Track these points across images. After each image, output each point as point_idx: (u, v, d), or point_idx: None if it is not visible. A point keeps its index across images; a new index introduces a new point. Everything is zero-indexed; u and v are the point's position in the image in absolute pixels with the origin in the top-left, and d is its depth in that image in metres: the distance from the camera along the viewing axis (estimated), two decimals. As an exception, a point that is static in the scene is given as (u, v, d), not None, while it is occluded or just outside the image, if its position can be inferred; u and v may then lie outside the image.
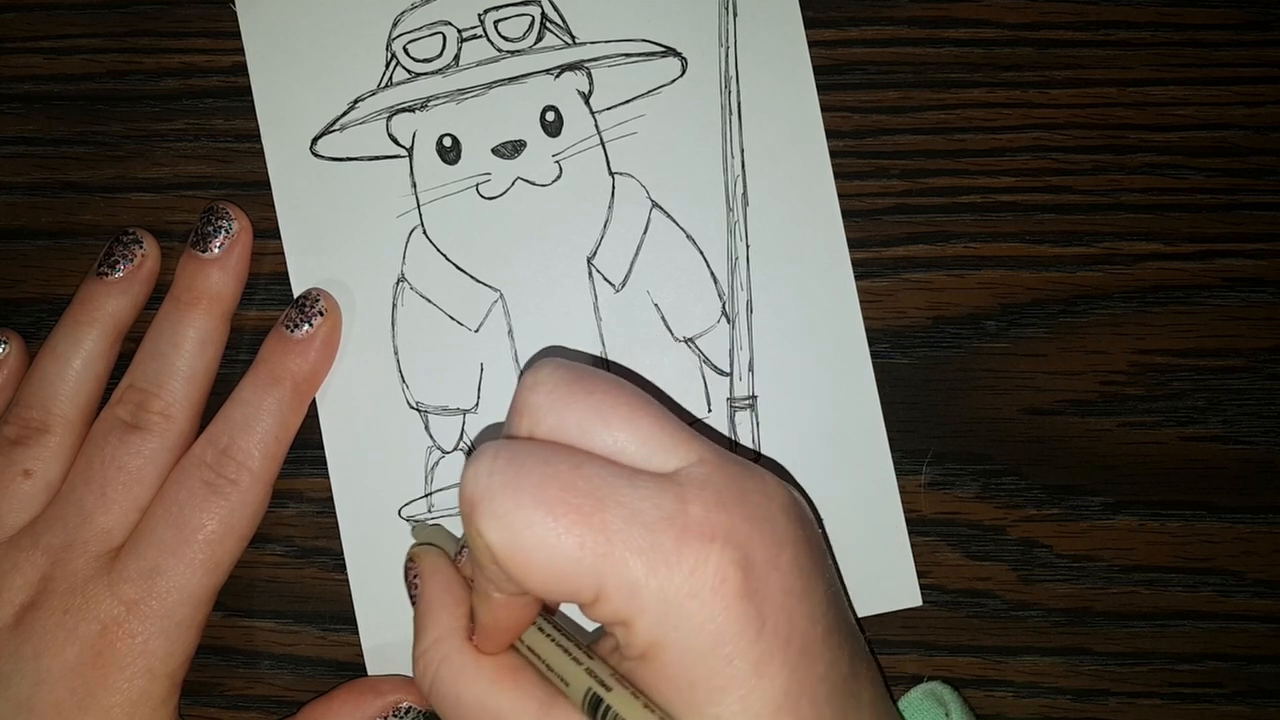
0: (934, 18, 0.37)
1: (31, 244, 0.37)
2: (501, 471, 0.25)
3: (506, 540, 0.24)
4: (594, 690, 0.26)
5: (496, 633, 0.28)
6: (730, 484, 0.26)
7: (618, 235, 0.36)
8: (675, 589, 0.24)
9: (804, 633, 0.26)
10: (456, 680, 0.29)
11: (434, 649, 0.30)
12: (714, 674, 0.25)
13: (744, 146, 0.36)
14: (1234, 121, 0.36)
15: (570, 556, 0.24)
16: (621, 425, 0.27)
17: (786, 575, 0.26)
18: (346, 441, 0.36)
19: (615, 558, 0.24)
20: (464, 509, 0.25)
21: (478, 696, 0.28)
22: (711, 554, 0.25)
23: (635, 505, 0.25)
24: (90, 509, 0.33)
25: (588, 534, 0.24)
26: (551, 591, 0.25)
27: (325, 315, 0.35)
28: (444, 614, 0.30)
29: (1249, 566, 0.35)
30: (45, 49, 0.38)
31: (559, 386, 0.27)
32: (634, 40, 0.36)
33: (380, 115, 0.36)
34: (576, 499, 0.25)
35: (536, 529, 0.24)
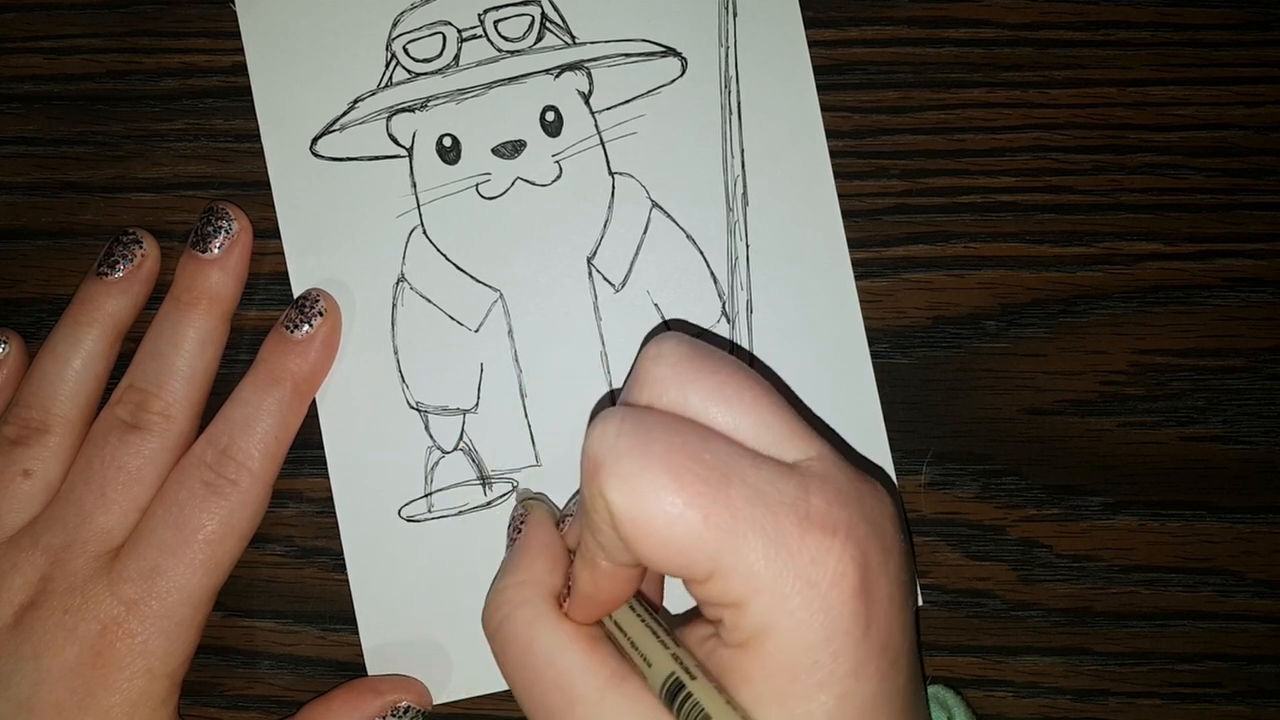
0: (934, 18, 0.37)
1: (31, 244, 0.37)
2: (629, 435, 0.25)
3: (629, 504, 0.24)
4: (677, 675, 0.26)
5: (591, 603, 0.28)
6: (849, 484, 0.26)
7: (617, 235, 0.36)
8: (795, 575, 0.24)
9: (898, 643, 0.26)
10: (532, 625, 0.28)
11: (518, 590, 0.29)
12: (817, 668, 0.24)
13: (744, 146, 0.36)
14: (1234, 121, 0.36)
15: (692, 528, 0.24)
16: (744, 409, 0.26)
17: (893, 583, 0.26)
18: (346, 441, 0.36)
19: (738, 535, 0.24)
20: (587, 469, 0.25)
21: (549, 649, 0.28)
22: (834, 547, 0.25)
23: (761, 486, 0.25)
24: (90, 509, 0.33)
25: (713, 507, 0.24)
26: (666, 562, 0.25)
27: (325, 315, 0.35)
28: (540, 562, 0.30)
29: (1249, 566, 0.35)
30: (45, 49, 0.38)
31: (683, 361, 0.27)
32: (634, 40, 0.36)
33: (380, 115, 0.36)
34: (703, 471, 0.24)
35: (662, 495, 0.24)
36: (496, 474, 0.35)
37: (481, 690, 0.35)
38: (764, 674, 0.25)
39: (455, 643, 0.35)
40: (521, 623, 0.28)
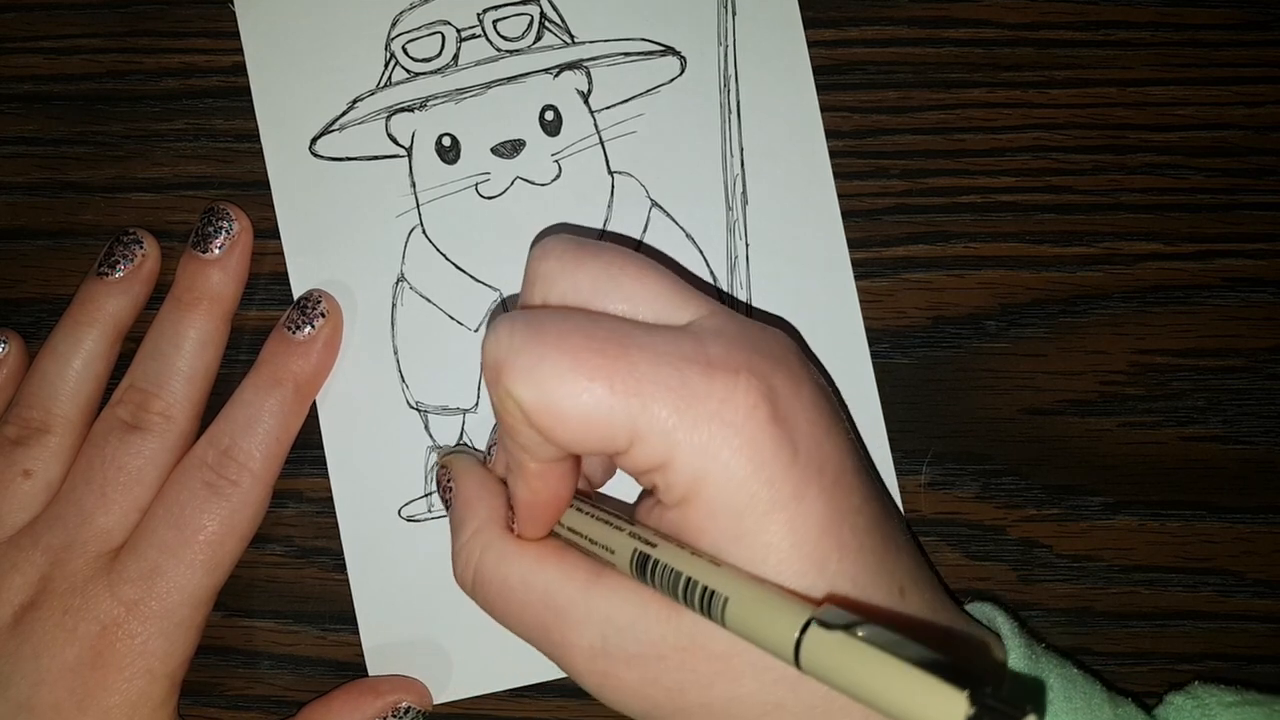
0: (934, 18, 0.37)
1: (31, 244, 0.37)
2: (522, 332, 0.25)
3: (536, 395, 0.25)
4: (639, 550, 0.26)
5: (536, 510, 0.28)
6: (742, 330, 0.27)
7: (617, 234, 0.36)
8: (709, 419, 0.25)
9: (835, 464, 0.26)
10: (500, 563, 0.29)
11: (474, 539, 0.29)
12: (757, 499, 0.25)
13: (743, 145, 0.36)
14: (1234, 121, 0.36)
15: (602, 401, 0.24)
16: (632, 284, 0.27)
17: (809, 409, 0.26)
18: (346, 441, 0.36)
19: (646, 396, 0.25)
20: (489, 376, 0.25)
21: (524, 576, 0.28)
22: (739, 384, 0.25)
23: (658, 348, 0.25)
24: (90, 509, 0.33)
25: (616, 377, 0.25)
26: (585, 441, 0.25)
27: (327, 317, 0.35)
28: (481, 505, 0.30)
29: (1249, 566, 0.35)
30: (45, 49, 0.38)
31: (568, 252, 0.28)
32: (633, 39, 0.36)
33: (379, 115, 0.36)
34: (599, 345, 0.25)
35: (566, 378, 0.24)
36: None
37: (482, 690, 0.35)
38: (712, 521, 0.25)
39: (455, 642, 0.35)
40: (489, 567, 0.29)
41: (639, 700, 0.27)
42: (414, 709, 0.34)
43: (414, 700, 0.34)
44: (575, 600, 0.27)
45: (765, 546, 0.25)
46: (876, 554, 0.27)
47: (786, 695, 0.26)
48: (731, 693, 0.26)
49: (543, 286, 0.28)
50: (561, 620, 0.27)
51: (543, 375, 0.25)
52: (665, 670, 0.26)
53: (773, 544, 0.25)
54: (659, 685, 0.26)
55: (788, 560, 0.25)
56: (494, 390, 0.25)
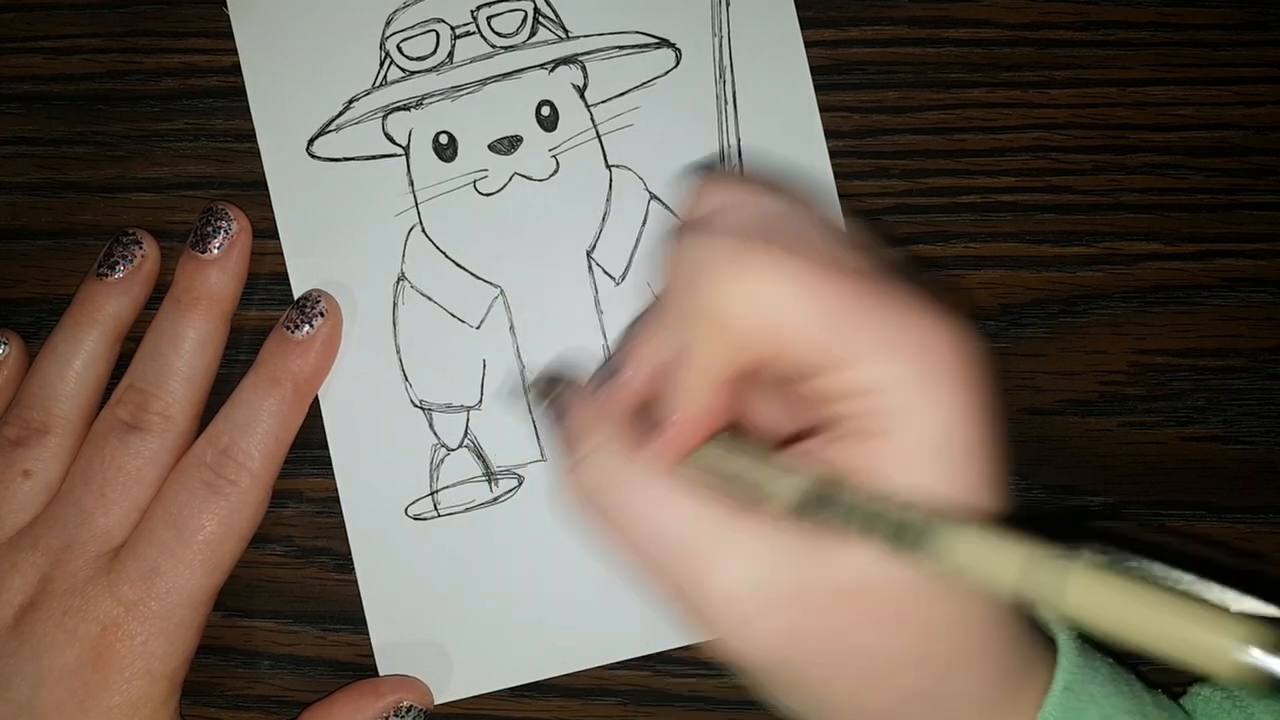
0: (934, 18, 0.37)
1: (31, 244, 0.37)
2: (736, 230, 0.23)
3: (753, 293, 0.23)
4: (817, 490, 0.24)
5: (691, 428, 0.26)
6: None
7: (617, 228, 0.36)
8: (936, 357, 0.23)
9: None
10: (632, 482, 0.26)
11: (603, 450, 0.26)
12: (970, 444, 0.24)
13: (740, 136, 0.36)
14: (1234, 121, 0.36)
15: (828, 311, 0.23)
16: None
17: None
18: (351, 441, 0.36)
19: (877, 319, 0.23)
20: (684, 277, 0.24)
21: (663, 501, 0.25)
22: (958, 335, 0.24)
23: (887, 279, 0.24)
24: (90, 509, 0.33)
25: (848, 291, 0.23)
26: (792, 354, 0.24)
27: (326, 316, 0.35)
28: (608, 420, 0.27)
29: (1249, 566, 0.35)
30: (45, 49, 0.38)
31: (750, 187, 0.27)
32: (627, 33, 0.36)
33: (375, 115, 0.36)
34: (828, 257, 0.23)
35: (790, 281, 0.23)
36: (502, 470, 0.36)
37: (487, 688, 0.35)
38: (914, 456, 0.24)
39: (464, 640, 0.35)
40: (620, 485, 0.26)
41: (780, 648, 0.24)
42: (415, 708, 0.34)
43: (415, 699, 0.34)
44: (723, 533, 0.24)
45: (968, 488, 0.24)
46: None
47: (939, 648, 0.24)
48: (885, 642, 0.24)
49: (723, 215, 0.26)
50: (704, 554, 0.24)
51: (764, 273, 0.23)
52: (822, 615, 0.24)
53: (975, 486, 0.24)
54: (810, 631, 0.24)
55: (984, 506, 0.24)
56: (691, 294, 0.24)
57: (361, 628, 0.35)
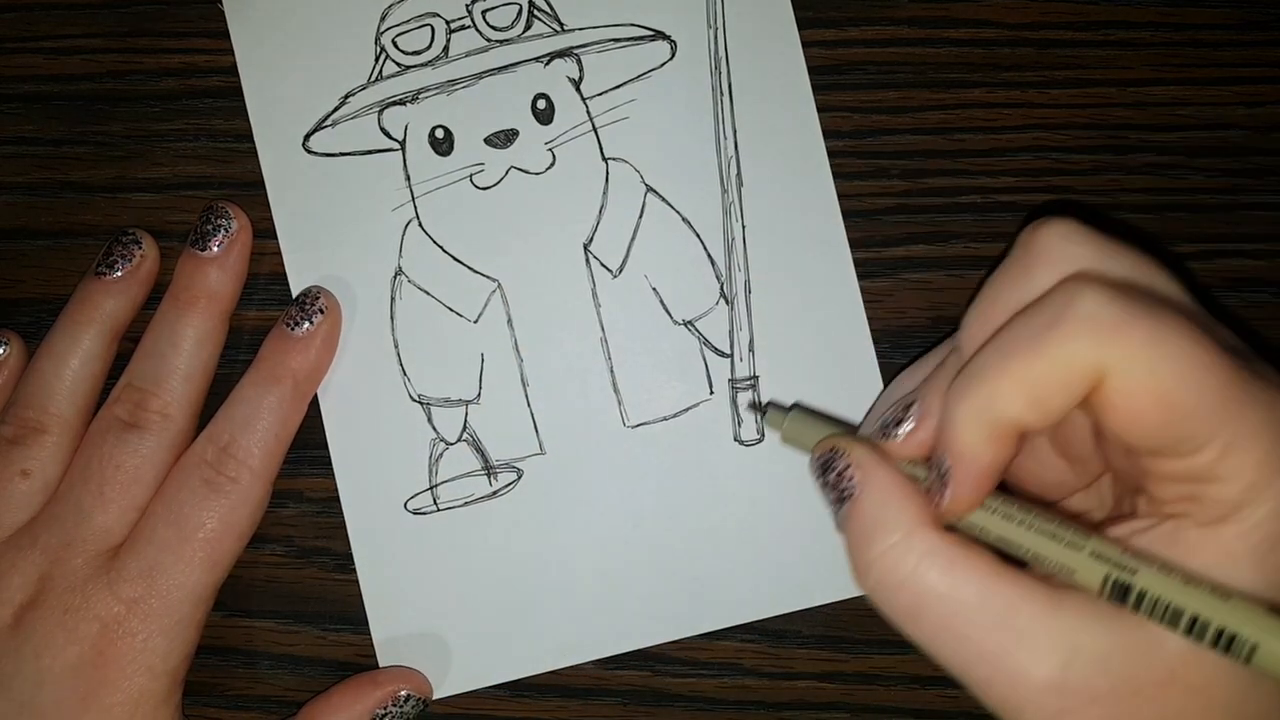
0: (934, 18, 0.37)
1: (31, 244, 0.37)
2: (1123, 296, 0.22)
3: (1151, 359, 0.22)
4: (1115, 576, 0.23)
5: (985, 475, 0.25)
6: None
7: (613, 220, 0.36)
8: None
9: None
10: (947, 573, 0.24)
11: (907, 543, 0.25)
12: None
13: (736, 127, 0.36)
14: (1234, 121, 0.36)
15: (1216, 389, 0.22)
16: None
17: None
18: (350, 436, 0.36)
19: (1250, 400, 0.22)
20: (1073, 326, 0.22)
21: (979, 589, 0.24)
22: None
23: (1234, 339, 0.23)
24: (88, 508, 0.33)
25: (1233, 367, 0.22)
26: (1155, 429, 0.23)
27: (326, 313, 0.35)
28: (910, 505, 0.26)
29: (1249, 566, 0.35)
30: (45, 49, 0.38)
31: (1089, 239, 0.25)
32: (622, 25, 0.37)
33: (371, 109, 0.36)
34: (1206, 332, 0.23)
35: (1188, 343, 0.22)
36: (501, 464, 0.36)
37: (491, 681, 0.35)
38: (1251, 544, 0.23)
39: (465, 634, 0.35)
40: (932, 578, 0.25)
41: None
42: (414, 697, 0.34)
43: (413, 689, 0.34)
44: (1038, 622, 0.24)
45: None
46: None
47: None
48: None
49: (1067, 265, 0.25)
50: (1018, 644, 0.24)
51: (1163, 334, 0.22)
52: (1137, 706, 0.23)
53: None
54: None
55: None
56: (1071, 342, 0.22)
57: (361, 628, 0.35)
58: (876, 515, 0.26)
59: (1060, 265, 0.25)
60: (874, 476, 0.26)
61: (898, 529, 0.25)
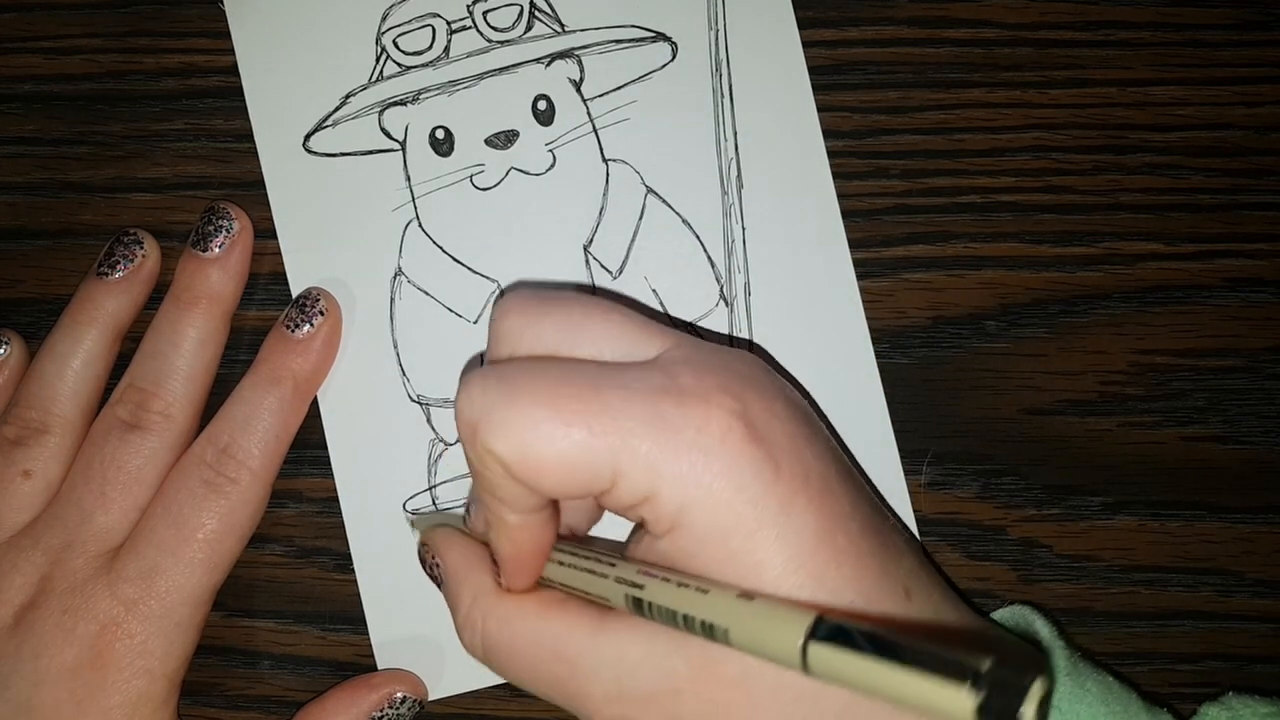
0: (934, 18, 0.37)
1: (31, 244, 0.37)
2: (493, 388, 0.25)
3: (516, 447, 0.25)
4: (628, 594, 0.26)
5: (522, 562, 0.28)
6: (710, 356, 0.27)
7: (613, 222, 0.36)
8: (688, 448, 0.25)
9: (820, 472, 0.26)
10: (504, 626, 0.28)
11: (473, 609, 0.29)
12: (743, 519, 0.25)
13: (737, 129, 0.36)
14: (1234, 121, 0.36)
15: (581, 444, 0.25)
16: (595, 327, 0.27)
17: (786, 422, 0.26)
18: (349, 436, 0.36)
19: (624, 433, 0.25)
20: (465, 433, 0.25)
21: (531, 633, 0.28)
22: (712, 409, 0.25)
23: (630, 385, 0.26)
24: (90, 509, 0.33)
25: (593, 418, 0.25)
26: (570, 485, 0.25)
27: (326, 314, 0.35)
28: (473, 575, 0.30)
29: (1249, 566, 0.35)
30: (45, 49, 0.38)
31: (529, 306, 0.28)
32: (623, 26, 0.37)
33: (372, 110, 0.36)
34: (573, 390, 0.25)
35: (544, 426, 0.25)
36: None
37: (489, 681, 0.35)
38: (701, 546, 0.25)
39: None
40: (494, 633, 0.29)
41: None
42: (410, 699, 0.34)
43: (409, 691, 0.34)
44: (584, 648, 0.27)
45: (758, 565, 0.25)
46: (876, 558, 0.26)
47: (808, 711, 0.25)
48: (752, 718, 0.26)
49: (508, 345, 0.28)
50: (574, 670, 0.27)
51: (520, 427, 0.25)
52: (683, 704, 0.26)
53: (765, 561, 0.25)
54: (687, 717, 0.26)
55: (784, 576, 0.25)
56: (471, 448, 0.25)
57: (361, 628, 0.35)
58: (453, 589, 0.30)
59: (507, 342, 0.28)
60: (448, 560, 0.31)
61: (467, 598, 0.29)
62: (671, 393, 0.25)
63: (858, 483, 0.28)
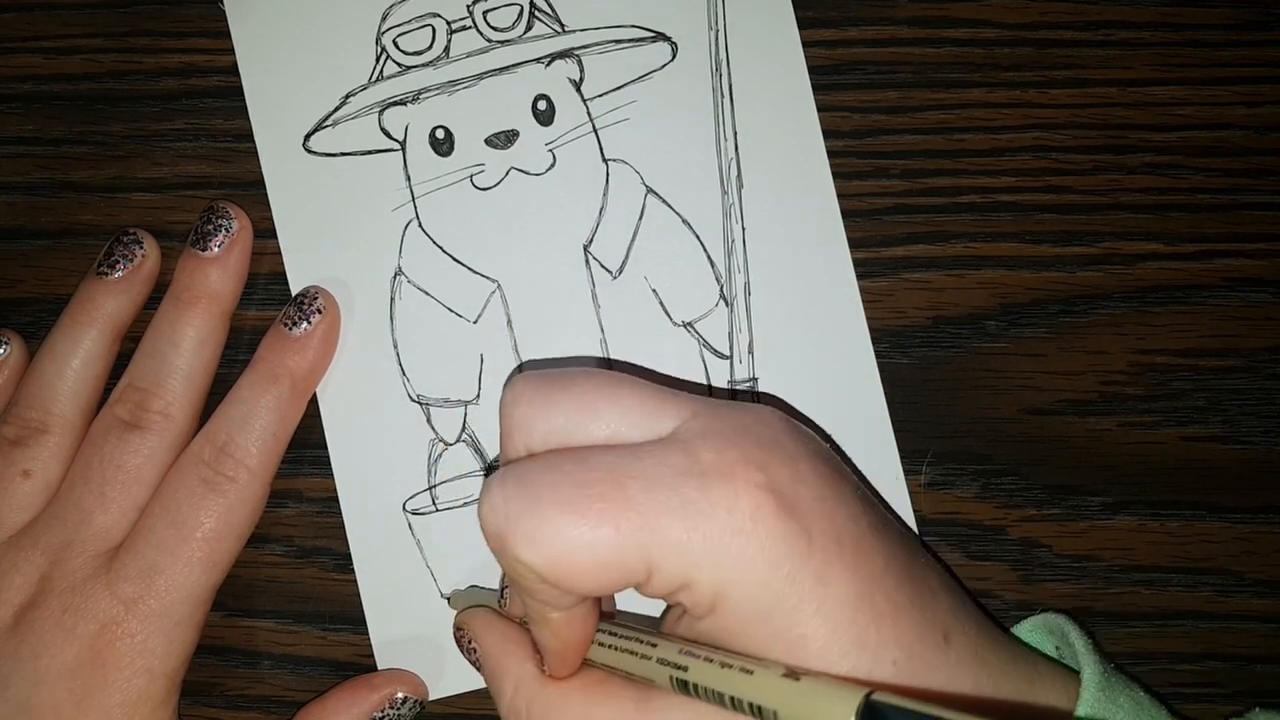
0: (934, 18, 0.37)
1: (31, 244, 0.37)
2: (514, 495, 0.25)
3: (545, 555, 0.24)
4: (673, 676, 0.26)
5: (566, 654, 0.28)
6: (728, 424, 0.26)
7: (613, 222, 0.36)
8: (720, 531, 0.25)
9: (852, 534, 0.26)
10: (549, 713, 0.28)
11: (516, 697, 0.29)
12: (783, 597, 0.25)
13: (737, 129, 0.36)
14: (1234, 121, 0.36)
15: (610, 543, 0.24)
16: (608, 408, 0.27)
17: (812, 485, 0.26)
18: (349, 437, 0.36)
19: (652, 527, 0.24)
20: (493, 545, 0.25)
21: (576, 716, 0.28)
22: (738, 489, 0.25)
23: (651, 473, 0.25)
24: (89, 508, 0.33)
25: (618, 516, 0.24)
26: (605, 584, 0.25)
27: (324, 313, 0.35)
28: (512, 662, 0.30)
29: (1249, 566, 0.35)
30: (45, 49, 0.38)
31: (537, 393, 0.27)
32: (623, 26, 0.37)
33: (372, 110, 0.36)
34: (594, 489, 0.25)
35: (569, 532, 0.24)
36: (500, 464, 0.36)
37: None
38: (744, 626, 0.25)
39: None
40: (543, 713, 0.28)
41: None
42: (411, 699, 0.34)
43: (410, 691, 0.34)
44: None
45: (802, 639, 0.25)
46: (915, 608, 0.26)
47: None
48: None
49: (522, 435, 0.27)
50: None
51: (547, 535, 0.24)
52: None
53: (809, 634, 0.25)
54: None
55: (828, 646, 0.25)
56: (502, 558, 0.25)
57: (361, 628, 0.35)
58: (494, 676, 0.30)
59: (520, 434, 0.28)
60: (486, 645, 0.31)
61: (509, 683, 0.29)
62: (694, 474, 0.25)
63: (889, 530, 0.27)
